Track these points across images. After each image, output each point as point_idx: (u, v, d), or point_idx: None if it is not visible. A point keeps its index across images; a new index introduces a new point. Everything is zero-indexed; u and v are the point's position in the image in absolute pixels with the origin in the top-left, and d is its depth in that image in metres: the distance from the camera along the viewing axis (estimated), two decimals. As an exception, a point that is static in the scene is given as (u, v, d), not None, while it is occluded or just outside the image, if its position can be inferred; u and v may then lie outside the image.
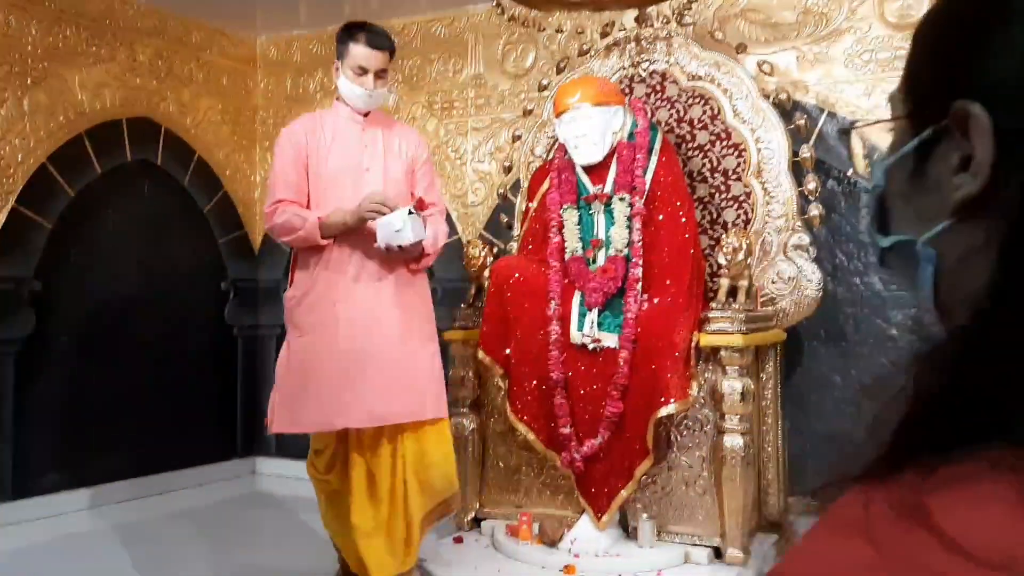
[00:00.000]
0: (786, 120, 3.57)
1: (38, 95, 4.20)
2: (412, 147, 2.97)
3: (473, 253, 3.71)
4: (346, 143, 2.87)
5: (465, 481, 3.50)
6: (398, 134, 2.97)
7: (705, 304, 3.22)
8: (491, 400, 3.50)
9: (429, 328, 2.94)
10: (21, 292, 4.13)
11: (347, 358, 2.73)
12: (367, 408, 2.70)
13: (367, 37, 2.80)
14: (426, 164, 3.02)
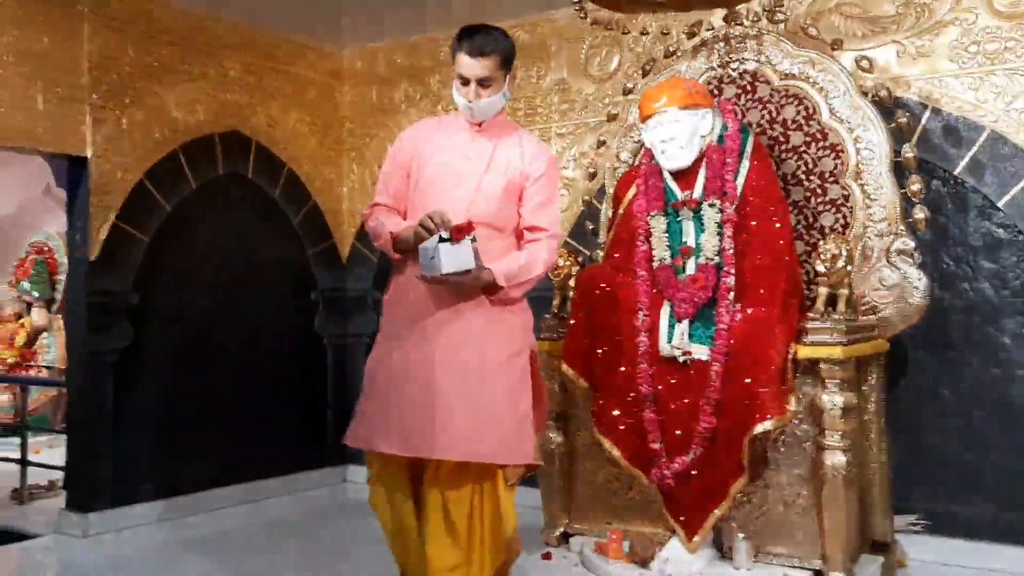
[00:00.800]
0: (887, 118, 3.38)
1: (135, 113, 4.33)
2: (525, 162, 2.61)
3: (557, 263, 3.63)
4: (449, 153, 2.62)
5: (553, 496, 3.44)
6: (513, 147, 2.63)
7: (802, 314, 3.07)
8: (577, 413, 3.42)
9: (513, 364, 2.53)
10: (120, 305, 4.26)
11: (416, 381, 2.47)
12: (435, 439, 2.42)
13: (468, 44, 2.53)
14: (541, 181, 2.62)
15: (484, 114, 2.59)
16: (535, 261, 2.55)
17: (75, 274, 4.28)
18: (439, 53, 5.09)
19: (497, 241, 2.56)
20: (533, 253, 2.56)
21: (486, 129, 2.63)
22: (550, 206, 2.63)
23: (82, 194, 4.18)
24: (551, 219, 2.63)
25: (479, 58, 2.51)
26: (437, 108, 5.10)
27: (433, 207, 2.47)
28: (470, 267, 2.36)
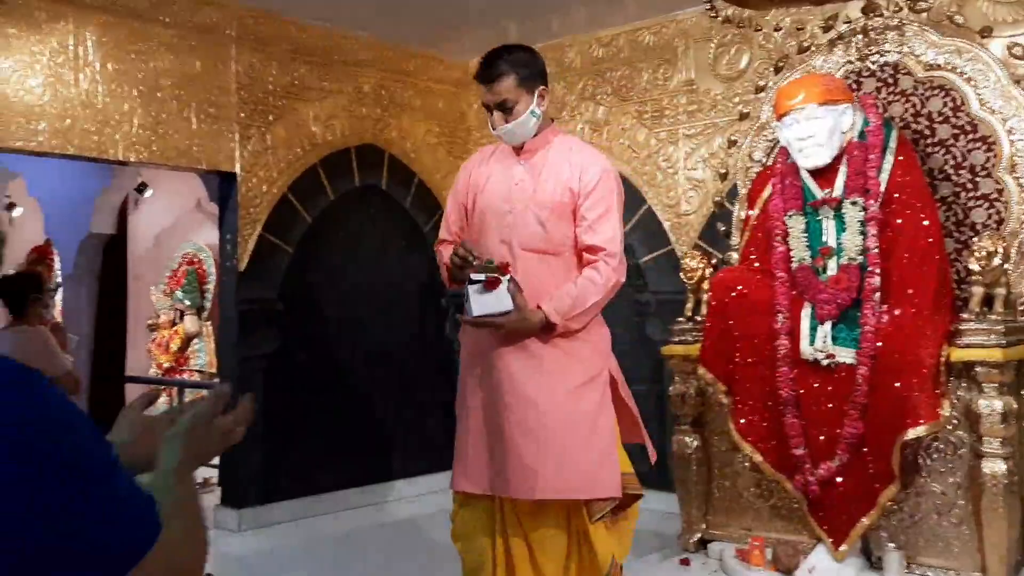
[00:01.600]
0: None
1: (278, 130, 4.56)
2: (575, 178, 2.42)
3: (691, 265, 3.60)
4: (499, 181, 2.50)
5: (689, 501, 3.40)
6: (561, 164, 2.46)
7: (954, 315, 2.94)
8: (714, 418, 3.38)
9: (586, 394, 2.39)
10: (267, 312, 4.49)
11: (487, 420, 2.42)
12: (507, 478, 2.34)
13: (479, 72, 2.43)
14: (593, 196, 2.42)
15: (516, 138, 2.45)
16: (587, 289, 2.37)
17: (226, 283, 4.54)
18: (563, 59, 5.13)
19: (554, 265, 2.42)
20: (585, 280, 2.38)
21: (530, 151, 2.48)
22: (604, 222, 2.41)
23: (231, 207, 4.43)
24: (606, 237, 2.41)
25: (491, 83, 2.40)
26: (562, 114, 5.14)
27: (487, 237, 2.45)
28: (507, 309, 2.27)
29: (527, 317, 2.31)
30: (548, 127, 2.52)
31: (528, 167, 2.47)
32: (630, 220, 4.84)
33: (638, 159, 4.83)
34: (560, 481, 2.31)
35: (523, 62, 2.42)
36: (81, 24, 3.88)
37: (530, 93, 2.40)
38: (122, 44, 4.00)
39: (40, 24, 3.77)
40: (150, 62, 4.09)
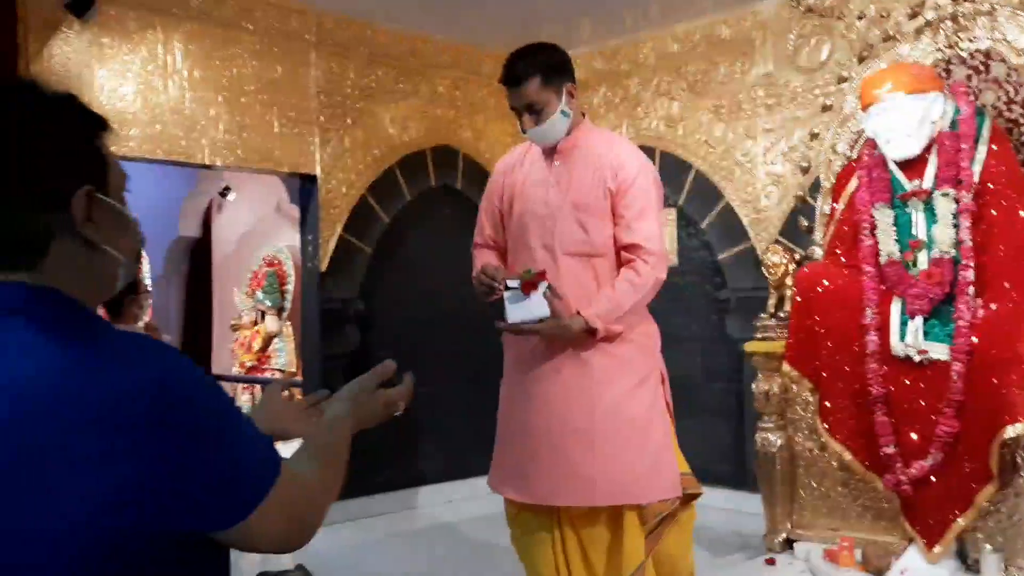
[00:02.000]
0: None
1: (356, 132, 4.65)
2: (611, 176, 2.35)
3: (773, 260, 3.54)
4: (534, 184, 2.45)
5: (774, 500, 3.35)
6: (596, 162, 2.38)
7: (1054, 309, 2.82)
8: (799, 415, 3.31)
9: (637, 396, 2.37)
10: (348, 311, 4.58)
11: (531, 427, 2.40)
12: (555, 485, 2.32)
13: (503, 74, 2.37)
14: (630, 194, 2.35)
15: (547, 139, 2.39)
16: (626, 291, 2.32)
17: (308, 284, 4.65)
18: (638, 56, 5.10)
19: (599, 268, 2.38)
20: (623, 281, 2.33)
21: (563, 151, 2.41)
22: (642, 220, 2.34)
23: (312, 209, 4.53)
24: (644, 235, 2.34)
25: (516, 86, 2.34)
26: (636, 110, 5.11)
27: (529, 242, 2.42)
28: (544, 315, 2.24)
29: (566, 324, 2.27)
30: (581, 124, 2.44)
31: (563, 168, 2.41)
32: (707, 216, 4.78)
33: (715, 154, 4.77)
34: (616, 486, 2.29)
35: (547, 61, 2.35)
36: (170, 33, 4.02)
37: (557, 92, 2.33)
38: (208, 52, 4.13)
39: (131, 34, 3.92)
40: (234, 68, 4.21)
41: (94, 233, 0.98)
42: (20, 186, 0.94)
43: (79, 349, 0.91)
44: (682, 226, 4.96)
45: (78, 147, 0.98)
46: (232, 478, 0.94)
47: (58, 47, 3.71)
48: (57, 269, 0.96)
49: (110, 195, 1.00)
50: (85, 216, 0.97)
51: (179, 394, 0.91)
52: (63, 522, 0.85)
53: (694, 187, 4.87)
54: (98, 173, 0.99)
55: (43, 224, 0.95)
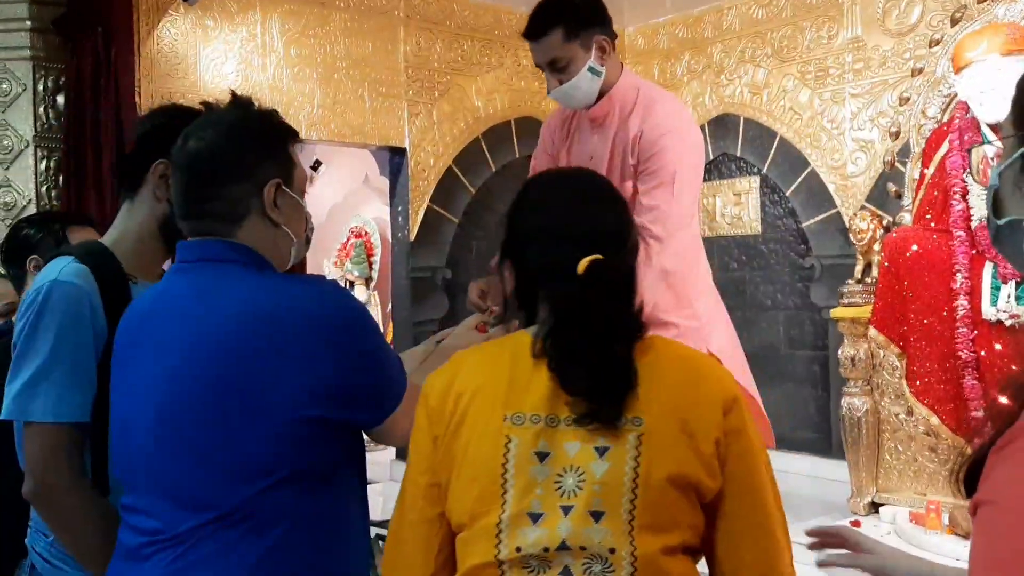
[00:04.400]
0: None
1: (443, 105, 4.77)
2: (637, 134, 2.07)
3: (860, 226, 3.54)
4: (576, 156, 2.21)
5: (860, 465, 3.38)
6: (633, 119, 2.09)
7: None
8: (885, 380, 3.32)
9: None
10: (436, 279, 4.74)
11: None
12: None
13: (526, 29, 2.10)
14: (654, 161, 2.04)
15: (574, 101, 2.12)
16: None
17: (398, 254, 4.81)
18: (722, 23, 5.08)
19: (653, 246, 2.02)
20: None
21: (598, 116, 2.14)
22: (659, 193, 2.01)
23: (402, 181, 4.69)
24: (655, 214, 2.00)
25: (536, 40, 2.07)
26: (719, 78, 5.10)
27: None
28: None
29: None
30: (620, 83, 2.12)
31: (601, 137, 2.13)
32: (792, 183, 4.76)
33: (800, 121, 4.73)
34: None
35: (573, 10, 2.04)
36: (268, 13, 4.20)
37: (585, 47, 2.04)
38: (303, 30, 4.30)
39: (233, 15, 4.11)
40: (327, 46, 4.37)
41: (278, 215, 1.28)
42: (232, 172, 1.27)
43: (281, 284, 1.26)
44: (766, 193, 4.94)
45: (275, 149, 1.30)
46: (384, 386, 1.27)
47: (166, 29, 3.92)
48: (247, 238, 1.28)
49: (293, 189, 1.31)
50: (272, 201, 1.27)
51: (355, 321, 1.25)
52: (275, 405, 1.17)
53: (779, 154, 4.84)
54: (286, 171, 1.30)
55: (244, 203, 1.27)
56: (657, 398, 1.10)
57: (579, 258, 1.11)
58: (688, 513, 1.10)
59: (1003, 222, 0.80)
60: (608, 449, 1.08)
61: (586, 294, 1.11)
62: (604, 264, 1.11)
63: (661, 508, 1.08)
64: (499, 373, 1.16)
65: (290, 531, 1.19)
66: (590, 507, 1.07)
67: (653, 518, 1.08)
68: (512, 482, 1.09)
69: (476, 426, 1.13)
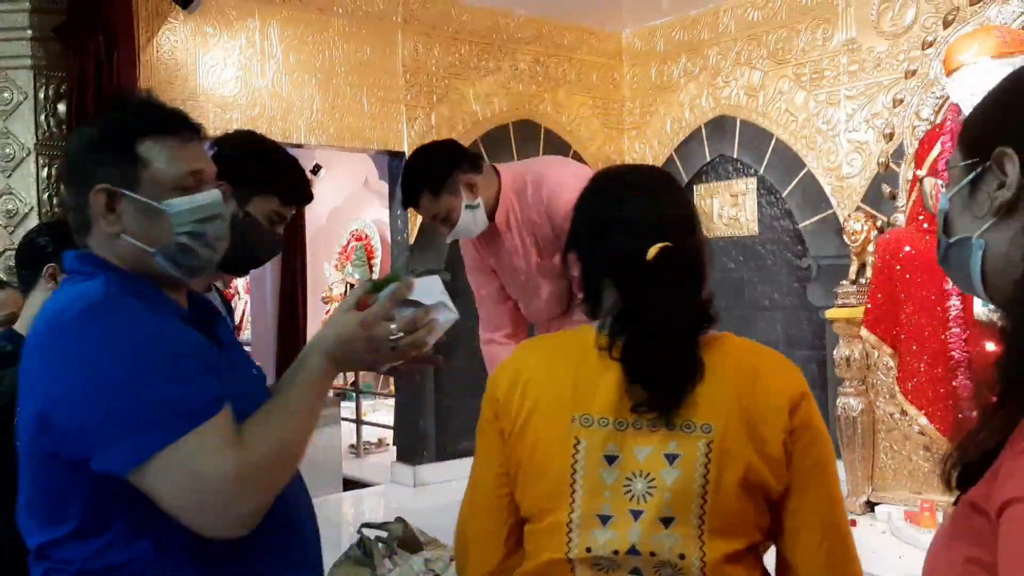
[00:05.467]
0: None
1: (442, 109, 4.81)
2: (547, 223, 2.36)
3: (854, 227, 3.57)
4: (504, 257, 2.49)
5: (855, 464, 3.41)
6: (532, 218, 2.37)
7: None
8: (881, 380, 3.36)
9: None
10: (435, 282, 4.77)
11: None
12: None
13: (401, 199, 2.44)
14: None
15: (473, 233, 2.37)
16: None
17: (397, 256, 4.85)
18: (718, 25, 5.11)
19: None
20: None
21: (501, 222, 2.39)
22: None
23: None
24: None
25: (415, 208, 2.33)
26: (716, 80, 5.13)
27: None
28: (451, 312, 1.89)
29: None
30: (504, 187, 2.36)
31: (514, 235, 2.39)
32: (788, 184, 4.79)
33: (796, 123, 4.77)
34: None
35: (430, 170, 2.27)
36: (267, 20, 4.23)
37: (455, 193, 2.26)
38: (302, 36, 4.34)
39: (232, 22, 4.14)
40: (326, 51, 4.41)
41: (112, 224, 1.15)
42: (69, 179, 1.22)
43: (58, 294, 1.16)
44: (762, 195, 4.97)
45: (111, 150, 1.16)
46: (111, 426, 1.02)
47: (165, 36, 3.96)
48: (99, 249, 1.18)
49: (146, 191, 1.14)
50: (104, 208, 1.14)
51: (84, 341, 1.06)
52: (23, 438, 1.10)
53: (775, 156, 4.87)
54: (126, 173, 1.14)
55: (82, 211, 1.17)
56: (724, 398, 1.11)
57: (648, 246, 1.13)
58: (756, 515, 1.12)
59: (952, 240, 0.86)
60: (678, 457, 1.10)
61: (655, 279, 1.12)
62: (673, 251, 1.13)
63: (731, 513, 1.10)
64: (566, 371, 1.16)
65: None
66: (661, 513, 1.09)
67: (723, 523, 1.09)
68: (581, 483, 1.11)
69: (544, 426, 1.14)
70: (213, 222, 1.18)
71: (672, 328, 1.12)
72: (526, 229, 2.37)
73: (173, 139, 1.16)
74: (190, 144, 1.18)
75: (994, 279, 0.83)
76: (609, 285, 1.18)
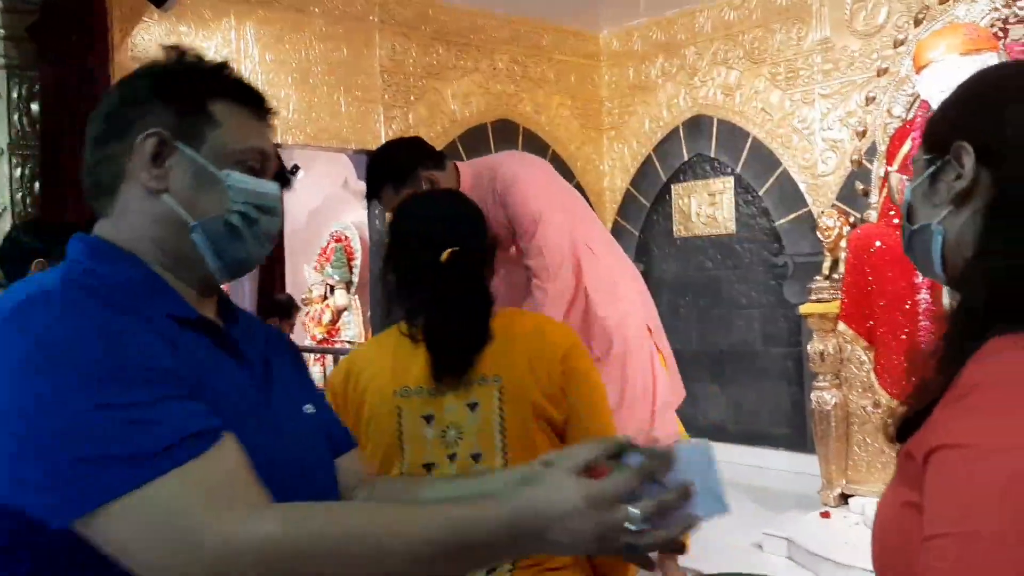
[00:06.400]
0: None
1: (420, 109, 4.81)
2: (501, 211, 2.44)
3: (827, 224, 3.61)
4: None
5: (829, 457, 3.44)
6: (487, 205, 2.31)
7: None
8: (854, 374, 3.39)
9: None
10: (414, 282, 4.77)
11: None
12: None
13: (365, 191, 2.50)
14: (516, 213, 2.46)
15: None
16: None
17: (376, 257, 4.85)
18: (694, 25, 5.15)
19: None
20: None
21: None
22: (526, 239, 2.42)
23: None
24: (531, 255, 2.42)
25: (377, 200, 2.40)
26: (693, 80, 5.17)
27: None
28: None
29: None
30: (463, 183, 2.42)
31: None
32: (765, 183, 4.83)
33: (772, 121, 4.81)
34: None
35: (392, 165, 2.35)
36: (242, 19, 4.23)
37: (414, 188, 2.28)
38: (278, 35, 4.33)
39: (207, 21, 4.13)
40: (303, 51, 4.41)
41: (155, 179, 0.93)
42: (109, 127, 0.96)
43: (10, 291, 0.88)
44: (739, 193, 5.01)
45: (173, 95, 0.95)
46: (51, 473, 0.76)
47: (140, 36, 3.95)
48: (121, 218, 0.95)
49: (208, 154, 0.95)
50: (150, 157, 0.93)
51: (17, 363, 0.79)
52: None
53: (751, 155, 4.92)
54: (190, 126, 0.95)
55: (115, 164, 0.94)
56: (512, 354, 1.44)
57: (441, 252, 1.45)
58: (548, 443, 1.43)
59: (916, 227, 0.94)
60: (478, 405, 1.42)
61: (448, 275, 1.44)
62: (461, 253, 1.45)
63: (526, 444, 1.41)
64: (384, 358, 1.47)
65: None
66: (470, 452, 1.42)
67: (521, 452, 1.39)
68: (407, 442, 1.43)
69: (374, 403, 1.45)
70: (269, 215, 0.99)
71: (462, 310, 1.43)
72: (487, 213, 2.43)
73: (250, 110, 1.00)
74: (262, 123, 1.01)
75: (951, 261, 0.90)
76: (417, 284, 1.47)
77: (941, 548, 0.69)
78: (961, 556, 0.67)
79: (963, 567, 0.67)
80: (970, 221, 0.87)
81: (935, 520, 0.70)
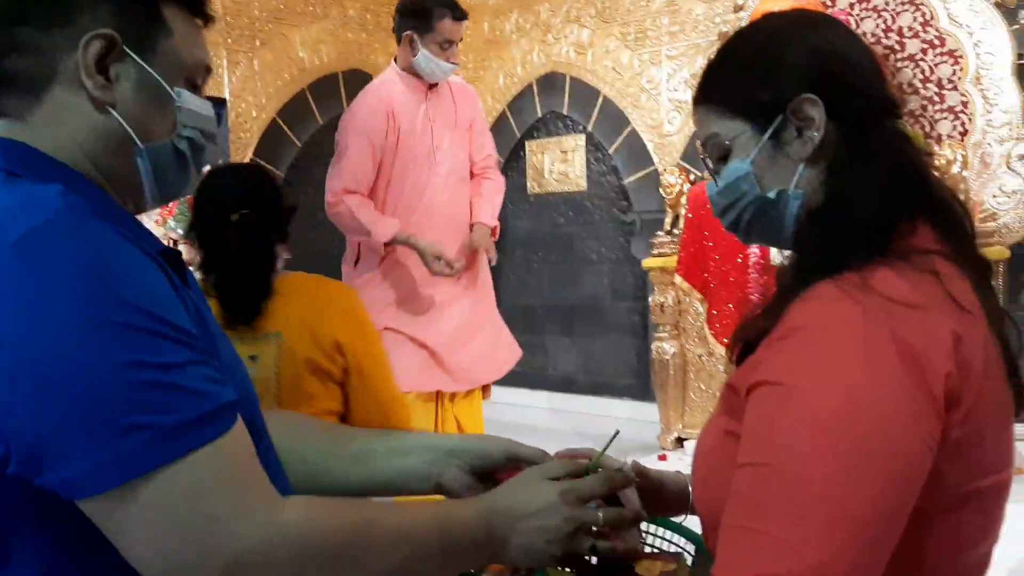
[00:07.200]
0: (1010, 20, 3.30)
1: (265, 55, 4.63)
2: (470, 111, 2.89)
3: (669, 181, 3.74)
4: (412, 124, 2.77)
5: (668, 403, 3.60)
6: (457, 98, 2.86)
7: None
8: (691, 325, 3.56)
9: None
10: (261, 235, 4.63)
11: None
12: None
13: (453, 11, 2.73)
14: (481, 121, 2.96)
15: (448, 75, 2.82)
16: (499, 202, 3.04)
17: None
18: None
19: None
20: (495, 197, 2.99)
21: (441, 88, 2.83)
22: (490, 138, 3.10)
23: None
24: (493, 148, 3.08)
25: (462, 22, 2.73)
26: (547, 36, 5.20)
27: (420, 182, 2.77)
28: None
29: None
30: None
31: (436, 107, 2.78)
32: (615, 141, 4.95)
33: (622, 81, 4.91)
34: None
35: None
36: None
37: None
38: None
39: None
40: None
41: (103, 89, 0.79)
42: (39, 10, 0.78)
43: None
44: (591, 151, 5.11)
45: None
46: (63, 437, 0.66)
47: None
48: (44, 122, 0.79)
49: (157, 63, 0.82)
50: (95, 62, 0.78)
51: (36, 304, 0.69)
52: None
53: (602, 113, 5.01)
54: (143, 29, 0.81)
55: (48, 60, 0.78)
56: (291, 312, 1.61)
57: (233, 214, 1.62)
58: (325, 395, 1.63)
59: (772, 194, 0.88)
60: (258, 357, 1.59)
61: (237, 235, 1.61)
62: (249, 215, 1.62)
63: (301, 394, 1.59)
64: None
65: None
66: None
67: (295, 402, 1.58)
68: None
69: None
70: (212, 142, 0.90)
71: (245, 265, 1.60)
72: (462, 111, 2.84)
73: (197, 19, 0.87)
74: (203, 34, 0.89)
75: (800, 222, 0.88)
76: (211, 242, 1.64)
77: (748, 475, 0.74)
78: (765, 485, 0.72)
79: (762, 494, 0.72)
80: (819, 176, 0.86)
81: (747, 450, 0.75)
